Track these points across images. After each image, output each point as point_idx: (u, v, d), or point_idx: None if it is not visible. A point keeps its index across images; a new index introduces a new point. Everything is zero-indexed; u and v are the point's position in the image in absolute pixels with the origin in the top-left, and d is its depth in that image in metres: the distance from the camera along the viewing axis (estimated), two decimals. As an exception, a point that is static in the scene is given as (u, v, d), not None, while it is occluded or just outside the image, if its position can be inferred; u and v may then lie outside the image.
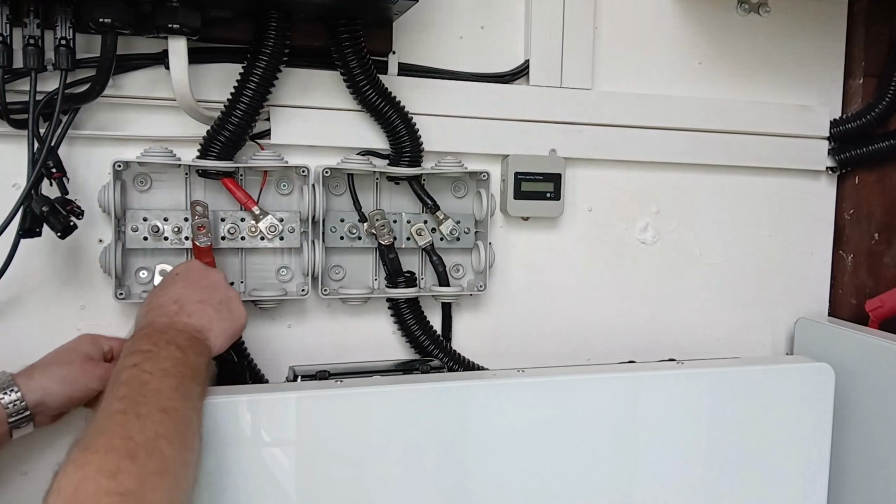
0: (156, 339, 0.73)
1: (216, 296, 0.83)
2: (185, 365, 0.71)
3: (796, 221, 1.26)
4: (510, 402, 0.91)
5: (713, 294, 1.23)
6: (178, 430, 0.65)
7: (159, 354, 0.70)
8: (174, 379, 0.69)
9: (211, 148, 0.92)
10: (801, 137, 1.22)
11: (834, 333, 1.17)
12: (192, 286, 0.82)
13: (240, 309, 0.84)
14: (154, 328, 0.76)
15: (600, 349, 1.17)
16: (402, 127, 0.99)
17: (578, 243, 1.16)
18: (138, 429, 0.61)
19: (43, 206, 0.83)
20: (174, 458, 0.62)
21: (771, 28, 1.22)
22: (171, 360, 0.71)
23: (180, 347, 0.73)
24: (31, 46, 0.83)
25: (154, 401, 0.65)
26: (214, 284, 0.84)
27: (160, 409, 0.64)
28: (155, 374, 0.68)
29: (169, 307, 0.79)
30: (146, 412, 0.63)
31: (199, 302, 0.80)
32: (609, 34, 1.14)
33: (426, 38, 1.06)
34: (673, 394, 0.97)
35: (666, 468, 0.97)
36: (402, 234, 1.03)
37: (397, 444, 0.87)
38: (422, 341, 1.06)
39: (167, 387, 0.67)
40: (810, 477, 1.03)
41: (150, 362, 0.69)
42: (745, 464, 1.00)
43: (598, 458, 0.94)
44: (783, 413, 1.01)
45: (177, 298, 0.80)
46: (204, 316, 0.80)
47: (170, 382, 0.68)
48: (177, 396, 0.67)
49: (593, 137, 1.12)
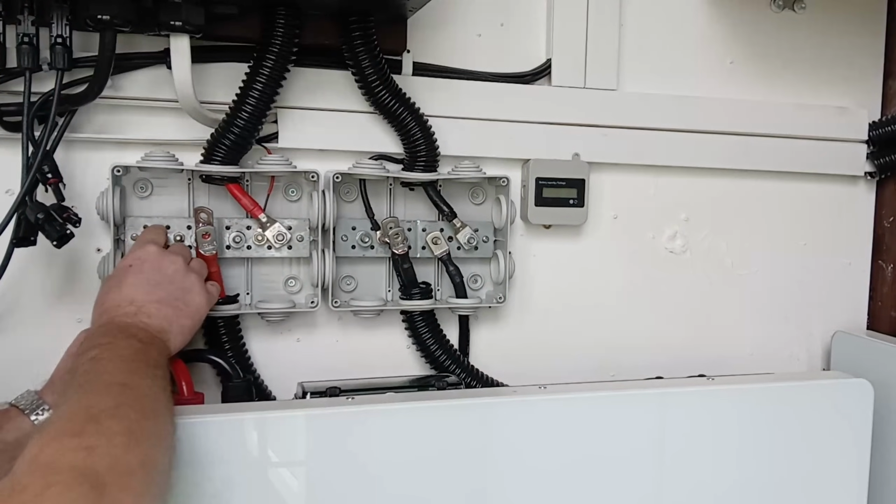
0: (114, 332, 0.73)
1: (174, 291, 0.81)
2: (145, 354, 0.71)
3: (833, 229, 1.25)
4: (531, 421, 0.90)
5: (745, 306, 1.22)
6: (141, 401, 0.63)
7: (117, 345, 0.70)
8: (132, 363, 0.68)
9: (215, 152, 0.91)
10: (838, 141, 1.20)
11: (873, 348, 1.16)
12: (148, 283, 0.80)
13: (197, 300, 0.83)
14: (113, 325, 0.75)
15: (626, 365, 1.16)
16: (417, 130, 0.98)
17: (603, 253, 1.15)
18: (97, 400, 0.60)
19: (38, 214, 0.82)
20: (140, 422, 0.60)
21: (806, 25, 1.20)
22: (129, 349, 0.70)
23: (141, 341, 0.73)
24: (26, 45, 0.82)
25: (111, 378, 0.64)
26: (171, 278, 0.82)
27: (119, 384, 0.63)
28: (112, 360, 0.67)
29: (126, 308, 0.78)
30: (103, 388, 0.62)
31: (158, 302, 0.79)
32: (636, 32, 1.13)
33: (442, 36, 1.05)
34: (703, 411, 0.96)
35: (696, 489, 0.96)
36: (417, 242, 1.03)
37: (412, 465, 0.86)
38: (438, 356, 1.05)
39: (125, 369, 0.67)
40: (848, 499, 1.02)
41: (108, 352, 0.68)
42: (780, 485, 0.99)
43: (623, 480, 0.93)
44: (819, 432, 1.00)
45: (132, 299, 0.79)
46: (163, 318, 0.79)
47: (126, 367, 0.67)
48: (137, 377, 0.66)
49: (619, 141, 1.11)
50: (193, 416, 0.77)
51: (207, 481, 0.77)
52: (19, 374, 0.83)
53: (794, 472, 0.99)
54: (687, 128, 1.13)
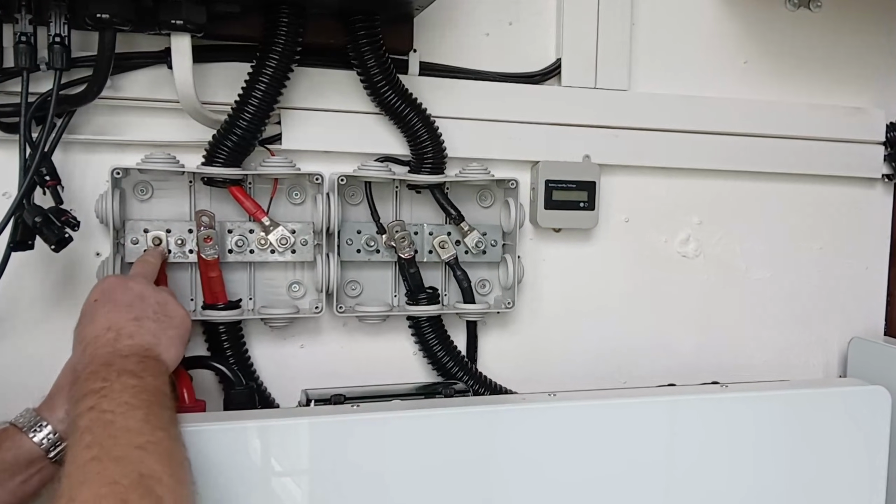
0: (104, 373, 0.69)
1: (148, 307, 0.79)
2: (145, 391, 0.68)
3: (849, 233, 1.25)
4: (540, 429, 0.89)
5: (760, 312, 1.22)
6: (163, 464, 0.61)
7: (113, 389, 0.66)
8: (140, 410, 0.65)
9: (217, 154, 0.91)
10: (855, 142, 1.20)
11: (890, 354, 1.16)
12: (118, 306, 0.78)
13: (178, 310, 0.81)
14: (98, 362, 0.71)
15: (638, 371, 1.16)
16: (424, 131, 0.98)
17: (614, 257, 1.15)
18: (120, 473, 0.58)
19: (36, 217, 0.81)
20: (168, 496, 0.59)
21: (822, 24, 1.20)
22: (129, 390, 0.67)
23: (134, 374, 0.69)
24: (23, 44, 0.81)
25: (125, 440, 0.62)
26: (141, 295, 0.80)
27: (136, 447, 0.61)
28: (117, 412, 0.64)
29: (105, 336, 0.75)
30: (122, 453, 0.60)
31: (135, 320, 0.77)
32: (648, 30, 1.13)
33: (450, 36, 1.05)
34: (716, 419, 0.96)
35: (709, 500, 0.95)
36: (424, 246, 1.02)
37: (419, 475, 0.85)
38: (445, 363, 1.04)
39: (135, 422, 0.64)
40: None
41: (107, 399, 0.65)
42: (795, 494, 0.98)
43: (635, 490, 0.92)
44: (836, 440, 1.00)
45: (108, 325, 0.76)
46: (146, 332, 0.76)
47: (136, 416, 0.64)
48: (148, 429, 0.64)
49: (630, 142, 1.10)
50: (195, 424, 0.76)
51: (209, 491, 0.76)
52: (17, 381, 0.82)
53: (809, 482, 0.99)
54: (700, 129, 1.13)
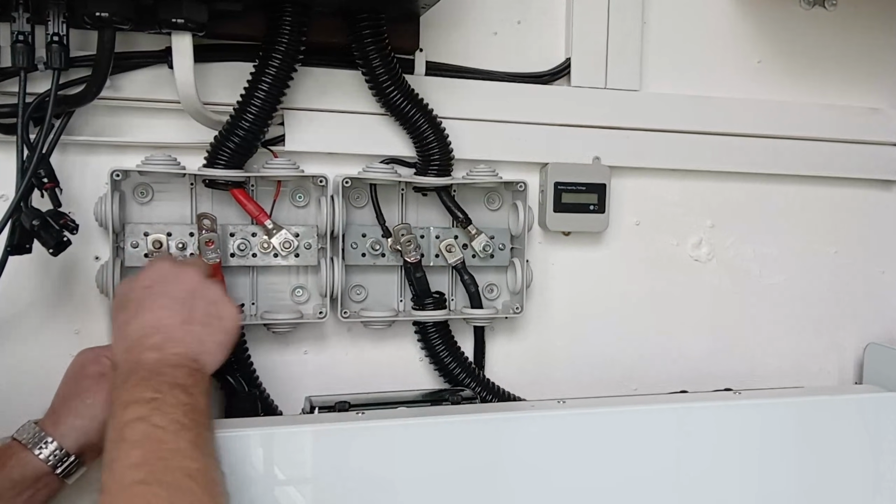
0: (155, 382, 0.68)
1: (198, 306, 0.78)
2: (195, 411, 0.68)
3: (865, 236, 1.25)
4: (550, 437, 0.89)
5: (774, 317, 1.21)
6: (207, 497, 0.62)
7: (166, 401, 0.66)
8: (191, 432, 0.65)
9: (219, 155, 0.90)
10: (871, 143, 1.20)
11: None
12: (169, 302, 0.77)
13: (229, 310, 0.80)
14: (147, 369, 0.71)
15: (649, 378, 1.15)
16: (431, 132, 0.97)
17: (625, 261, 1.14)
18: (174, 497, 0.59)
19: (33, 220, 0.81)
20: None
21: (837, 23, 1.20)
22: (181, 407, 0.67)
23: (185, 389, 0.69)
24: (20, 43, 0.81)
25: (176, 464, 0.62)
26: (193, 291, 0.79)
27: (185, 475, 0.61)
28: (168, 429, 0.64)
29: (152, 339, 0.74)
30: (171, 480, 0.60)
31: (185, 323, 0.76)
32: (659, 30, 1.12)
33: (457, 35, 1.05)
34: (729, 427, 0.96)
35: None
36: (431, 250, 1.02)
37: (425, 483, 0.85)
38: (452, 369, 1.04)
39: (186, 444, 0.64)
40: (882, 518, 1.02)
41: (159, 414, 0.65)
42: (810, 503, 0.98)
43: (645, 499, 0.92)
44: (851, 448, 1.00)
45: (157, 326, 0.75)
46: (193, 339, 0.75)
47: (187, 437, 0.65)
48: (198, 455, 0.64)
49: (641, 144, 1.10)
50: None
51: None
52: (14, 387, 0.83)
53: (824, 490, 0.98)
54: (712, 130, 1.13)
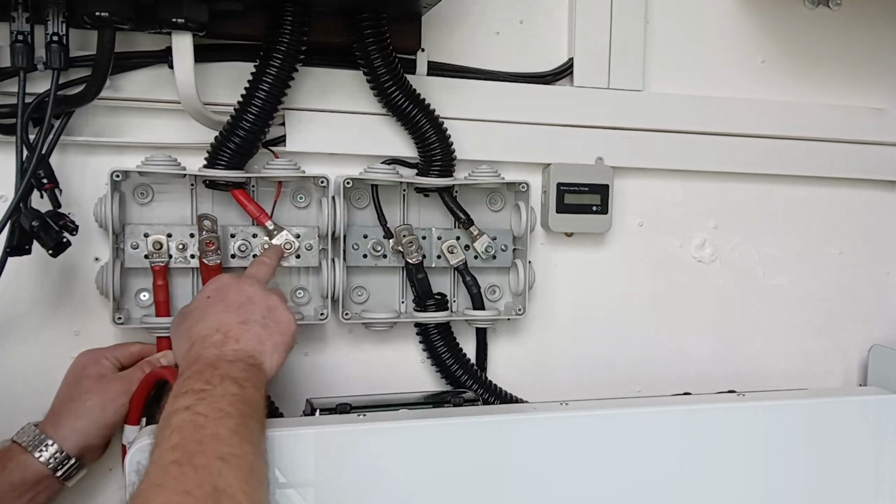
0: (208, 375, 0.70)
1: (257, 310, 0.80)
2: (243, 402, 0.68)
3: (870, 237, 1.24)
4: (552, 439, 0.89)
5: (778, 318, 1.21)
6: (241, 479, 0.62)
7: (214, 392, 0.68)
8: (233, 420, 0.66)
9: (219, 156, 0.90)
10: (875, 144, 1.19)
11: None
12: (229, 307, 0.79)
13: (286, 316, 0.81)
14: (203, 363, 0.72)
15: (652, 380, 1.15)
16: (432, 132, 0.97)
17: (628, 262, 1.14)
18: (195, 483, 0.59)
19: (33, 221, 0.81)
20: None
21: (842, 22, 1.19)
22: (228, 397, 0.68)
23: (237, 381, 0.70)
24: (20, 43, 0.81)
25: (211, 448, 0.62)
26: (251, 298, 0.81)
27: (219, 458, 0.62)
28: (210, 417, 0.65)
29: (213, 337, 0.76)
30: (203, 462, 0.61)
31: (242, 323, 0.77)
32: (662, 29, 1.12)
33: (459, 34, 1.04)
34: (733, 429, 0.96)
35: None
36: (432, 251, 1.02)
37: (427, 486, 0.85)
38: (454, 371, 1.03)
39: (225, 430, 0.65)
40: (887, 521, 1.02)
41: (205, 403, 0.66)
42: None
43: (650, 501, 0.92)
44: (856, 450, 1.00)
45: (218, 326, 0.77)
46: (252, 337, 0.77)
47: (228, 424, 0.65)
48: (237, 441, 0.64)
49: (645, 144, 1.10)
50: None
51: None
52: (13, 389, 0.83)
53: (829, 493, 0.98)
54: (716, 130, 1.12)
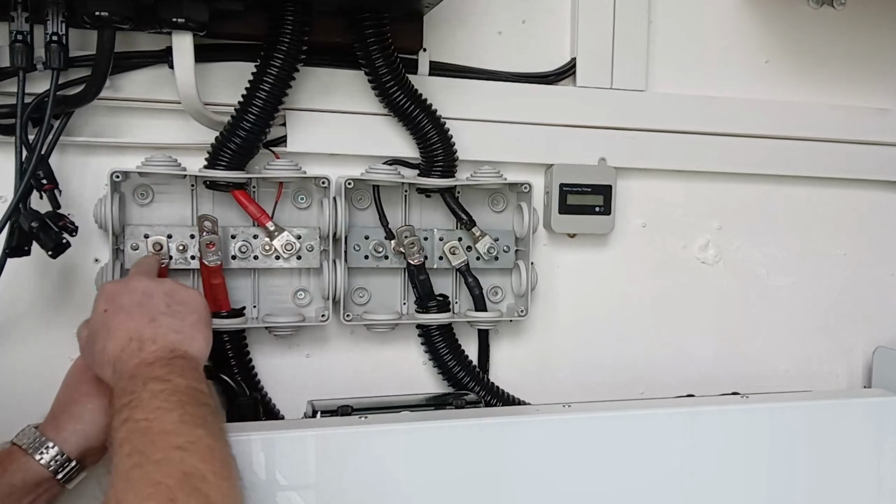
0: (131, 386, 0.68)
1: (159, 302, 0.76)
2: (175, 393, 0.67)
3: (874, 238, 1.24)
4: (555, 441, 0.89)
5: (782, 320, 1.21)
6: (204, 461, 0.62)
7: (142, 397, 0.66)
8: (173, 413, 0.65)
9: (220, 156, 0.90)
10: (880, 144, 1.19)
11: None
12: (130, 312, 0.75)
13: (188, 294, 0.78)
14: (125, 377, 0.70)
15: (655, 381, 1.15)
16: (434, 133, 0.97)
17: (631, 263, 1.14)
18: (163, 474, 0.58)
19: (32, 222, 0.81)
20: (214, 493, 0.59)
21: (846, 22, 1.19)
22: (158, 394, 0.67)
23: (159, 379, 0.69)
24: (19, 43, 0.81)
25: (164, 443, 0.62)
26: (146, 292, 0.77)
27: (175, 448, 0.61)
28: (151, 418, 0.64)
29: (129, 348, 0.73)
30: (161, 456, 0.60)
31: (151, 322, 0.74)
32: (665, 29, 1.12)
33: (461, 34, 1.04)
34: (737, 431, 0.96)
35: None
36: (434, 252, 1.02)
37: (428, 488, 0.85)
38: (456, 373, 1.03)
39: (171, 424, 0.64)
40: (891, 522, 1.02)
41: (139, 409, 0.65)
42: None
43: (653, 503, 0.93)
44: (860, 452, 1.00)
45: (129, 335, 0.73)
46: (167, 331, 0.74)
47: (170, 418, 0.64)
48: (185, 429, 0.64)
49: (648, 144, 1.09)
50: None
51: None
52: (14, 391, 0.83)
53: (833, 495, 0.98)
54: (720, 130, 1.12)
